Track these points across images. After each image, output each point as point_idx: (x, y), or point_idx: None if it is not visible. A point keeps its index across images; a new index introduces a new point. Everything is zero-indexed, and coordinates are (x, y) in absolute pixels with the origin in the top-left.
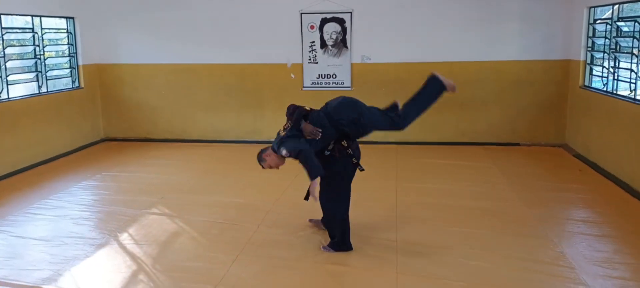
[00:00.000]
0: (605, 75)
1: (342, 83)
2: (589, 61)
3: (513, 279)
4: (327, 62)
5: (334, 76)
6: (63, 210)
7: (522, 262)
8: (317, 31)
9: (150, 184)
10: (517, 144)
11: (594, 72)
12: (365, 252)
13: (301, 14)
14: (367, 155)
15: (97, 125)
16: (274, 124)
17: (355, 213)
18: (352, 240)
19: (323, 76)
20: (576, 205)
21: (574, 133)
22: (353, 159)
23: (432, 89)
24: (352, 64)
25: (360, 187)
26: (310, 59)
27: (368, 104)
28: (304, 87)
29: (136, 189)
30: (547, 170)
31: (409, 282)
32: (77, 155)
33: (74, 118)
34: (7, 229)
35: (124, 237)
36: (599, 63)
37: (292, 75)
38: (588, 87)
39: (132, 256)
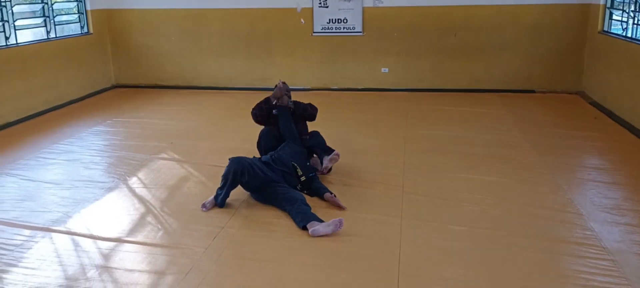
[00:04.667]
0: (625, 19)
1: (353, 28)
2: (609, 5)
3: (519, 225)
4: (338, 6)
5: (345, 21)
6: (74, 155)
7: (530, 208)
8: None
9: (160, 130)
10: (533, 91)
11: (614, 17)
12: (370, 196)
13: None
14: (378, 101)
15: (108, 72)
16: (284, 71)
17: (363, 158)
18: (357, 184)
19: (334, 21)
20: (589, 152)
21: (591, 80)
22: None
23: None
24: (363, 8)
25: (369, 133)
26: (320, 3)
27: (380, 49)
28: (314, 32)
29: (146, 135)
30: (561, 117)
31: (413, 226)
32: (88, 102)
33: (85, 64)
34: (18, 173)
35: (133, 181)
36: (619, 7)
37: (302, 21)
38: (607, 32)
39: (141, 199)
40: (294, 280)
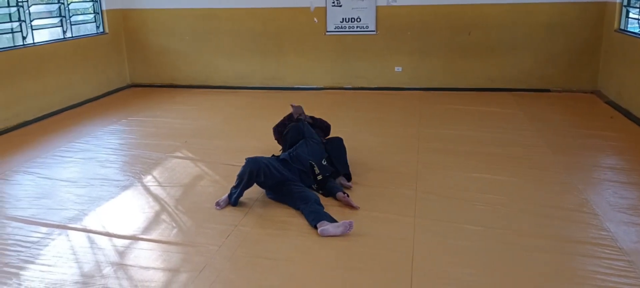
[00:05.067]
0: None
1: (367, 27)
2: (625, 3)
3: (533, 225)
4: (352, 5)
5: (358, 20)
6: (90, 153)
7: (544, 208)
8: None
9: (175, 129)
10: (548, 90)
11: (631, 15)
12: (383, 195)
13: None
14: (391, 100)
15: (123, 71)
16: (297, 70)
17: (375, 157)
18: (370, 183)
19: (347, 20)
20: (604, 152)
21: (607, 79)
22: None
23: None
24: (377, 7)
25: (382, 132)
26: (333, 2)
27: (394, 48)
28: (327, 31)
29: (161, 133)
30: (577, 116)
31: (426, 226)
32: (104, 101)
33: (100, 64)
34: (35, 171)
35: (148, 179)
36: (636, 5)
37: (315, 20)
38: (624, 30)
39: (156, 197)
40: (307, 278)
